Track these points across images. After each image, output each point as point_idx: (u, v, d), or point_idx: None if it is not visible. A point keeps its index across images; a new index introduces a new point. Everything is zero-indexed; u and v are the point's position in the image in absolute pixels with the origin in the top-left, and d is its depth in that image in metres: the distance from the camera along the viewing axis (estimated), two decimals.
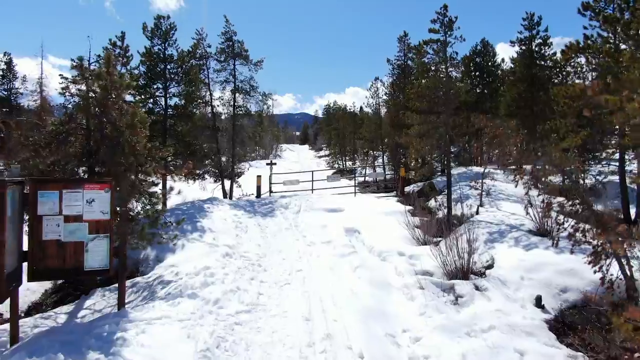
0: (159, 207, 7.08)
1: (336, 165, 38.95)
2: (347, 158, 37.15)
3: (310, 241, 9.30)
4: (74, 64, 5.75)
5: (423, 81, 11.68)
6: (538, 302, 5.64)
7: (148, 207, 7.05)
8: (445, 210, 11.45)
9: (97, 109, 5.86)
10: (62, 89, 6.45)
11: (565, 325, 5.28)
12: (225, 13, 17.40)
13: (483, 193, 11.43)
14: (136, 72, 12.93)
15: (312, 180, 16.16)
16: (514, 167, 8.29)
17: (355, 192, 16.29)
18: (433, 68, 10.87)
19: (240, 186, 20.23)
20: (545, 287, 6.01)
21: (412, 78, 21.65)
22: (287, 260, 7.95)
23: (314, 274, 7.08)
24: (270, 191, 16.56)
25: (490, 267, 7.23)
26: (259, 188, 15.69)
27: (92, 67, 7.82)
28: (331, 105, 55.94)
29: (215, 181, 18.93)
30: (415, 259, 7.96)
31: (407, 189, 16.89)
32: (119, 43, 11.35)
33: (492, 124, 6.10)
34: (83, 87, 6.05)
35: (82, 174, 6.93)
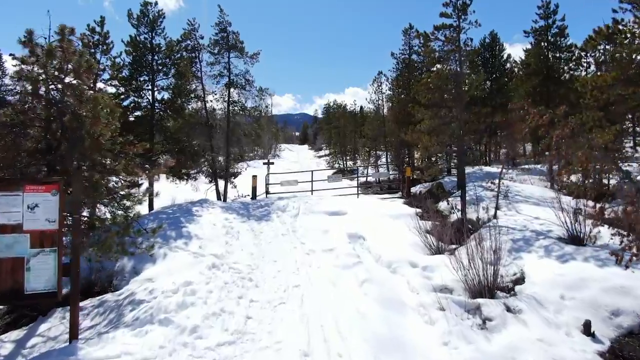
0: (135, 211, 6.07)
1: (336, 165, 37.96)
2: (347, 158, 36.14)
3: (310, 249, 8.32)
4: (23, 39, 4.76)
5: (433, 71, 10.68)
6: (587, 329, 4.66)
7: (119, 211, 6.05)
8: (459, 214, 10.46)
9: (51, 94, 4.87)
10: (15, 72, 5.45)
11: (624, 359, 4.30)
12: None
13: (500, 194, 10.44)
14: (120, 63, 11.94)
15: (312, 181, 15.18)
16: (557, 164, 7.26)
17: (357, 194, 15.30)
18: (444, 57, 9.88)
19: (235, 187, 19.26)
20: (592, 309, 5.03)
21: (417, 73, 20.69)
22: (282, 272, 6.96)
23: (313, 290, 6.09)
24: (267, 192, 15.57)
25: (519, 281, 6.24)
26: (254, 189, 14.70)
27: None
28: (331, 104, 54.95)
29: (210, 181, 17.95)
30: (430, 270, 6.98)
31: (412, 189, 15.91)
32: (98, 29, 10.37)
33: (535, 111, 5.23)
34: (36, 69, 5.05)
35: (42, 174, 5.90)
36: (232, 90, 16.90)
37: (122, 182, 6.33)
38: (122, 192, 6.20)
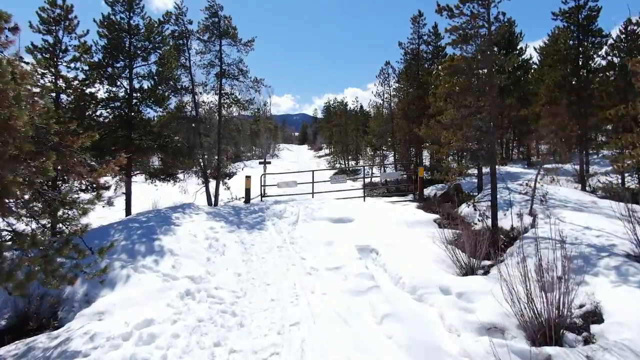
0: (80, 224, 4.53)
1: (338, 165, 36.41)
2: (349, 157, 34.56)
3: (312, 267, 6.79)
4: None
5: (454, 55, 9.15)
6: None
7: (61, 224, 4.53)
8: (488, 221, 8.93)
9: None
10: None
11: None
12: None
13: (536, 198, 8.92)
14: (91, 45, 10.38)
15: (313, 182, 13.64)
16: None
17: (364, 196, 13.75)
18: (472, 35, 8.34)
19: (229, 188, 17.74)
20: None
21: (427, 64, 19.17)
22: (277, 301, 5.43)
23: (318, 330, 4.56)
24: (262, 195, 14.00)
25: (594, 318, 4.71)
26: (247, 191, 13.15)
27: None
28: (331, 102, 53.38)
29: (203, 182, 16.41)
30: (468, 299, 5.46)
31: (425, 191, 14.38)
32: (59, 1, 8.81)
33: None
34: None
35: None
36: (224, 81, 15.35)
37: (78, 183, 4.79)
38: (68, 198, 4.66)
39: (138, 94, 11.09)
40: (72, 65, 9.23)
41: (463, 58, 8.28)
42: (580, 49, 12.70)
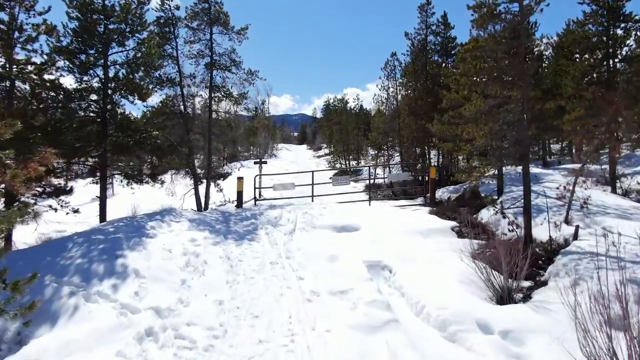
0: None
1: (338, 165, 35.12)
2: (350, 157, 33.25)
3: (312, 290, 5.54)
4: None
5: (476, 39, 7.87)
6: None
7: None
8: (519, 231, 7.67)
9: None
10: None
11: None
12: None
13: (573, 204, 7.66)
14: (58, 28, 9.09)
15: (313, 184, 12.34)
16: None
17: (369, 200, 12.46)
18: (504, 11, 7.06)
19: (221, 190, 16.44)
20: None
21: (435, 56, 17.91)
22: (266, 344, 4.17)
23: None
24: (256, 198, 12.69)
25: None
26: (240, 195, 11.86)
27: None
28: (331, 101, 52.02)
29: (195, 183, 15.14)
30: (516, 340, 4.23)
31: (437, 194, 13.12)
32: None
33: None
34: None
35: None
36: (215, 73, 14.07)
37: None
38: None
39: (113, 84, 9.79)
40: (31, 47, 7.92)
41: (492, 38, 7.01)
42: (612, 33, 11.45)
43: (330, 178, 12.90)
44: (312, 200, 12.15)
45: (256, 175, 12.27)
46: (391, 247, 7.47)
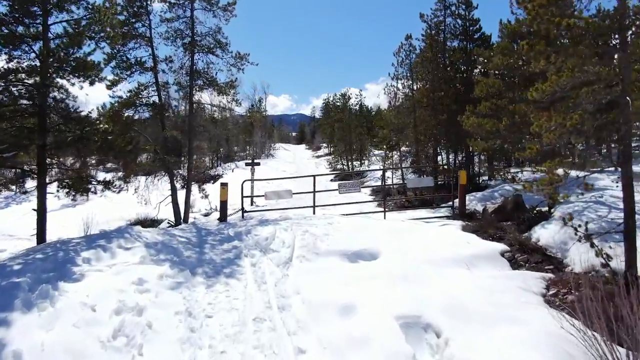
0: None
1: (339, 166, 32.86)
2: (353, 157, 30.97)
3: None
4: None
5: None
6: None
7: None
8: (613, 263, 5.44)
9: None
10: None
11: None
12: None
13: None
14: None
15: (314, 191, 10.08)
16: None
17: (384, 211, 10.19)
18: None
19: (207, 197, 14.23)
20: None
21: (455, 42, 15.67)
22: None
23: None
24: (244, 210, 10.35)
25: None
26: (224, 205, 9.57)
27: None
28: (330, 98, 49.61)
29: (182, 186, 12.91)
30: None
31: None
32: None
33: None
34: None
35: None
36: (197, 57, 11.83)
37: None
38: None
39: (56, 63, 7.51)
40: None
41: None
42: None
43: (337, 182, 10.63)
44: (314, 212, 9.90)
45: (244, 181, 9.98)
46: (430, 288, 5.26)
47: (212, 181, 24.50)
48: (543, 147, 5.83)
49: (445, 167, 14.95)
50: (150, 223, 14.26)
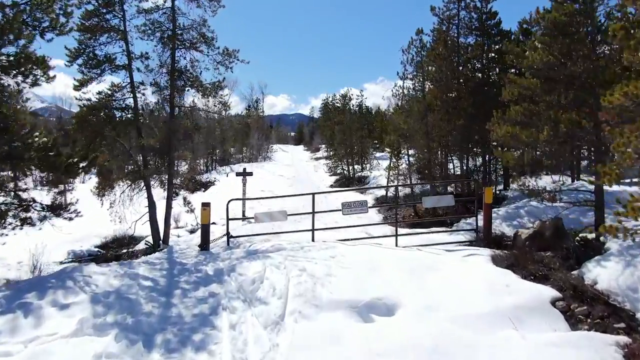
0: None
1: (339, 171, 31.37)
2: (354, 161, 29.46)
3: None
4: None
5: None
6: None
7: None
8: None
9: None
10: None
11: None
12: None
13: None
14: None
15: (313, 212, 8.58)
16: None
17: (396, 236, 8.70)
18: None
19: (192, 211, 12.72)
20: None
21: (470, 38, 14.22)
22: None
23: None
24: (229, 237, 8.73)
25: None
26: (205, 231, 8.02)
27: None
28: (329, 99, 47.95)
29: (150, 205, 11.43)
30: None
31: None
32: None
33: None
34: None
35: None
36: (179, 53, 10.34)
37: None
38: None
39: None
40: None
41: None
42: None
43: (341, 204, 9.12)
44: (313, 238, 8.41)
45: (230, 201, 8.43)
46: None
47: (203, 189, 22.99)
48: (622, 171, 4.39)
49: (464, 178, 13.40)
50: (128, 241, 12.79)
